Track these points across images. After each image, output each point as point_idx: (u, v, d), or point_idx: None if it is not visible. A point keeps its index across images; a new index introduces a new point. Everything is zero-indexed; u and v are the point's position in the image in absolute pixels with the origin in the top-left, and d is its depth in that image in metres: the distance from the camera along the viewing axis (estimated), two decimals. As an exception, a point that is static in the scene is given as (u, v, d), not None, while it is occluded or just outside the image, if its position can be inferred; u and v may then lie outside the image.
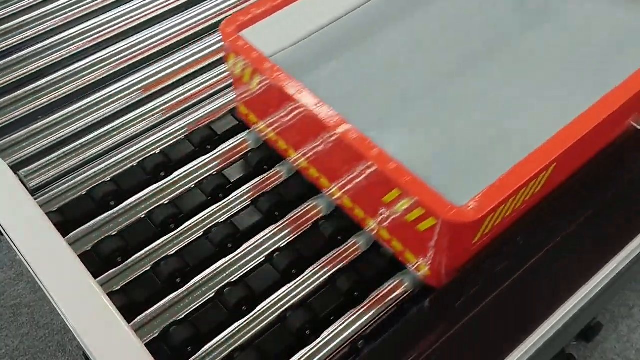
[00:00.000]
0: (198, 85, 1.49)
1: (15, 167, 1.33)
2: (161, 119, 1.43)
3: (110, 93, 1.47)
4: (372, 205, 1.13)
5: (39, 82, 1.48)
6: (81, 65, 1.52)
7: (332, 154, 1.15)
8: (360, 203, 1.17)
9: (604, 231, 1.23)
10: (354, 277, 1.18)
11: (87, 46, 1.56)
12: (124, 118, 1.43)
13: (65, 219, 1.26)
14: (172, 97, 1.47)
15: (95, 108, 1.45)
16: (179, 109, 1.45)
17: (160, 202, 1.28)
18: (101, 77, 1.51)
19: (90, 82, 1.50)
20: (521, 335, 1.07)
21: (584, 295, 1.13)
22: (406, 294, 1.17)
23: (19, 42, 1.56)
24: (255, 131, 1.36)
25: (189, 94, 1.48)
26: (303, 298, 1.16)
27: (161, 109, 1.45)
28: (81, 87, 1.49)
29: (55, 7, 1.62)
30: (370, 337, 1.13)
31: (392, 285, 1.17)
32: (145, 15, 1.62)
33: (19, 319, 1.80)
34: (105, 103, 1.46)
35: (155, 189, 1.30)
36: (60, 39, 1.57)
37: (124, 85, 1.49)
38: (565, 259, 1.18)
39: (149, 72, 1.51)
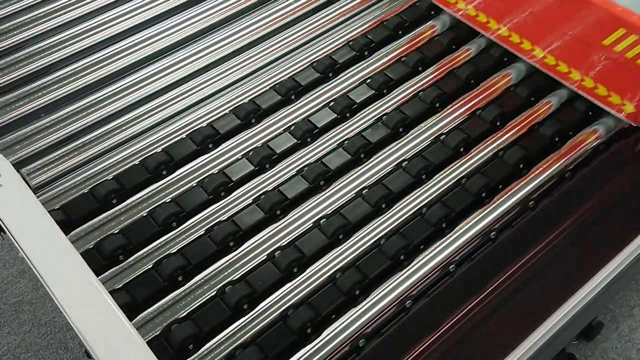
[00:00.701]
0: None
1: (18, 165, 1.33)
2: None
3: (114, 91, 1.48)
4: (583, 54, 1.31)
5: (42, 80, 1.49)
6: (85, 63, 1.53)
7: (549, 12, 1.34)
8: (567, 57, 1.36)
9: (605, 230, 1.23)
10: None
11: (90, 44, 1.57)
12: (132, 113, 1.44)
13: (68, 217, 1.27)
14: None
15: (99, 106, 1.45)
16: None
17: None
18: (104, 75, 1.51)
19: (94, 80, 1.50)
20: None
21: (585, 294, 1.13)
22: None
23: (22, 40, 1.57)
24: (450, 12, 1.56)
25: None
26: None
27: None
28: (84, 85, 1.49)
29: (59, 5, 1.63)
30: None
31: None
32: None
33: (21, 317, 1.80)
34: (111, 100, 1.46)
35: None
36: (64, 36, 1.57)
37: (127, 84, 1.50)
38: (566, 258, 1.19)
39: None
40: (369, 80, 1.49)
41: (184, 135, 1.40)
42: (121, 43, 1.57)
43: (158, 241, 1.23)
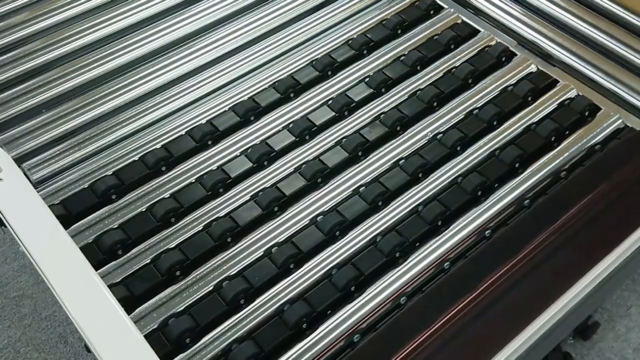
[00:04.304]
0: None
1: (19, 160, 1.35)
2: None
3: (114, 87, 1.49)
4: None
5: (43, 76, 1.50)
6: (85, 60, 1.54)
7: None
8: None
9: (601, 227, 1.24)
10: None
11: (91, 41, 1.58)
12: (132, 110, 1.45)
13: (68, 212, 1.28)
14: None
15: (99, 102, 1.46)
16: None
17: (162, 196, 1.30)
18: (104, 72, 1.53)
19: (96, 77, 1.52)
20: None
21: (578, 291, 1.14)
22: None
23: (24, 36, 1.58)
24: None
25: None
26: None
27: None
28: (85, 81, 1.50)
29: (61, 2, 1.64)
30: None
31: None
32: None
33: (22, 310, 1.81)
34: (112, 96, 1.47)
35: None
36: (66, 33, 1.58)
37: (127, 81, 1.51)
38: (561, 254, 1.19)
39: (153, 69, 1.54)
40: (367, 79, 1.50)
41: (183, 132, 1.41)
42: (122, 40, 1.58)
43: (156, 236, 1.24)
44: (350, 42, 1.58)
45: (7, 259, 1.91)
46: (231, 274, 1.19)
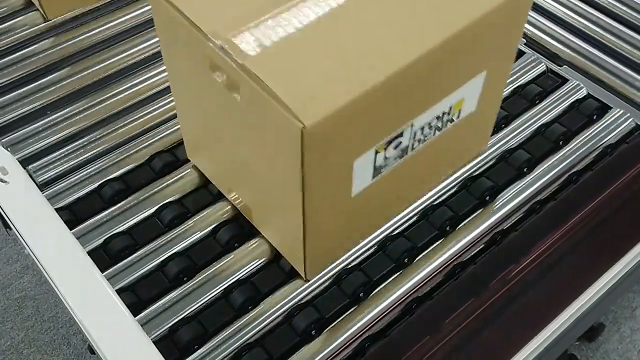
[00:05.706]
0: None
1: (24, 162, 1.34)
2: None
3: (121, 88, 1.48)
4: None
5: (48, 77, 1.49)
6: (92, 61, 1.53)
7: None
8: None
9: (609, 233, 1.24)
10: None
11: (97, 42, 1.57)
12: (138, 111, 1.44)
13: (74, 214, 1.27)
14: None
15: (104, 103, 1.45)
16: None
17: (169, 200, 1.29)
18: (110, 72, 1.52)
19: (100, 78, 1.51)
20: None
21: (589, 297, 1.14)
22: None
23: (29, 36, 1.57)
24: None
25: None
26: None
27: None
28: (90, 82, 1.50)
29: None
30: None
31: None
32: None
33: (24, 312, 1.80)
34: (115, 99, 1.46)
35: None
36: (71, 34, 1.58)
37: (135, 82, 1.50)
38: (573, 260, 1.19)
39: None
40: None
41: (189, 134, 1.40)
42: (129, 40, 1.57)
43: (163, 241, 1.23)
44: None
45: (9, 260, 1.91)
46: (240, 279, 1.18)
